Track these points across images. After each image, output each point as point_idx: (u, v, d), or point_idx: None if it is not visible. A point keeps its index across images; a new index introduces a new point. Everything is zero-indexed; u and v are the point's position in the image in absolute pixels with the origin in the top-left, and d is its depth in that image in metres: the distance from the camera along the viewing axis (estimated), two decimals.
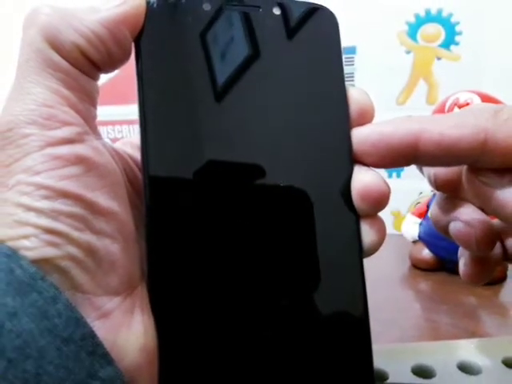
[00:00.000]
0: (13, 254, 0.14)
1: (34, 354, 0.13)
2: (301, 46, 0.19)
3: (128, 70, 0.18)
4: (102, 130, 0.87)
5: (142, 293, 0.17)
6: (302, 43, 0.19)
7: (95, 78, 0.17)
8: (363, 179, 0.18)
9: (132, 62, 0.18)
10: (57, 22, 0.16)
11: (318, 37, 0.19)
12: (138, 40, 0.17)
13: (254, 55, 0.19)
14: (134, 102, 0.17)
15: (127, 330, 0.15)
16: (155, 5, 0.17)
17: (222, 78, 0.18)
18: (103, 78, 0.18)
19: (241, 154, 0.18)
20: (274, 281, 0.18)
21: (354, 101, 0.19)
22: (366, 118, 0.19)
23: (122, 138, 0.88)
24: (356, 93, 0.20)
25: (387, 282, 0.51)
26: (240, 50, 0.18)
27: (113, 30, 0.16)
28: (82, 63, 0.16)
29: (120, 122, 0.86)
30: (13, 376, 0.12)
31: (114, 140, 0.87)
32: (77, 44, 0.16)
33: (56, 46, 0.16)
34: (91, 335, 0.14)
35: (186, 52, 0.18)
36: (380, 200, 0.18)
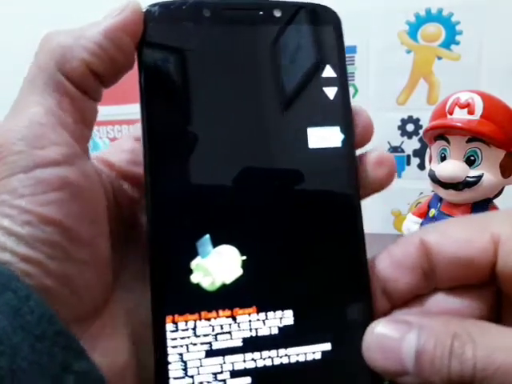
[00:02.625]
0: None
1: (8, 350, 0.13)
2: (304, 48, 0.19)
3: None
4: (102, 129, 0.87)
5: (110, 311, 0.17)
6: (305, 44, 0.19)
7: (97, 97, 0.18)
8: (374, 154, 0.19)
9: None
10: (65, 41, 0.17)
11: (321, 37, 0.19)
12: (140, 47, 0.17)
13: (257, 59, 0.19)
14: (133, 102, 0.17)
15: (95, 351, 0.15)
16: (156, 12, 0.17)
17: (223, 83, 0.18)
18: None
19: (242, 157, 0.18)
20: (273, 277, 0.18)
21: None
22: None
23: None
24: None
25: None
26: (242, 55, 0.18)
27: (114, 38, 0.17)
28: (86, 79, 0.17)
29: (120, 122, 0.86)
30: None
31: (114, 140, 0.88)
32: (82, 58, 0.16)
33: (63, 64, 0.16)
34: (64, 331, 0.14)
35: (188, 58, 0.18)
36: (394, 166, 0.19)
